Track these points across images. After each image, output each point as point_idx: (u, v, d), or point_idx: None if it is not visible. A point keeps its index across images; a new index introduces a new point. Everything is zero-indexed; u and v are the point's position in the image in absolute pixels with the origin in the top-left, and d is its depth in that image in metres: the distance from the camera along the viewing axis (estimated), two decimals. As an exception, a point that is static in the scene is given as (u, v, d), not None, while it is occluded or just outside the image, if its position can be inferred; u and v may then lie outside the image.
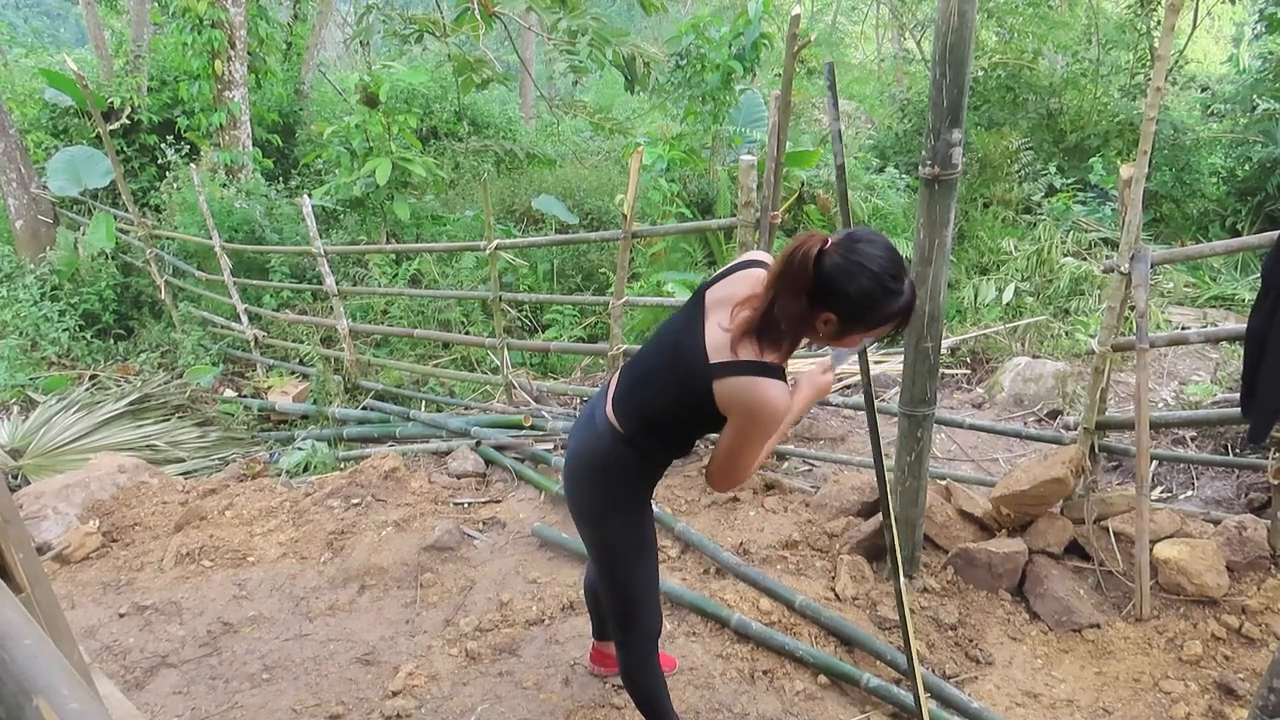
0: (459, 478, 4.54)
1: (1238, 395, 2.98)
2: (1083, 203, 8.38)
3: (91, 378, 7.13)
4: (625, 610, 2.20)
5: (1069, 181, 8.65)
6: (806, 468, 4.52)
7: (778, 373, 1.79)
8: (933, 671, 2.86)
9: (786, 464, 4.54)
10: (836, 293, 1.68)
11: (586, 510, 2.14)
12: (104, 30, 10.66)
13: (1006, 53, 9.50)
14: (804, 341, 1.84)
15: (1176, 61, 9.93)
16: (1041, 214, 8.16)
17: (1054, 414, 5.19)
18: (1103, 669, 2.95)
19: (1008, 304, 6.98)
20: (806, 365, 6.04)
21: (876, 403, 2.57)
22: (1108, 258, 6.61)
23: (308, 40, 11.72)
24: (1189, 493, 4.07)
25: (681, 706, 2.70)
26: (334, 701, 2.80)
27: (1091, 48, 9.90)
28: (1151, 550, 3.16)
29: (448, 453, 4.79)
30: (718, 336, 1.81)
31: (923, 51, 12.35)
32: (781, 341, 1.80)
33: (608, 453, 2.05)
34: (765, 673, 2.85)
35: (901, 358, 3.44)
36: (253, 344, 7.30)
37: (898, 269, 1.70)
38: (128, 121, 9.42)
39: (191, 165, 7.84)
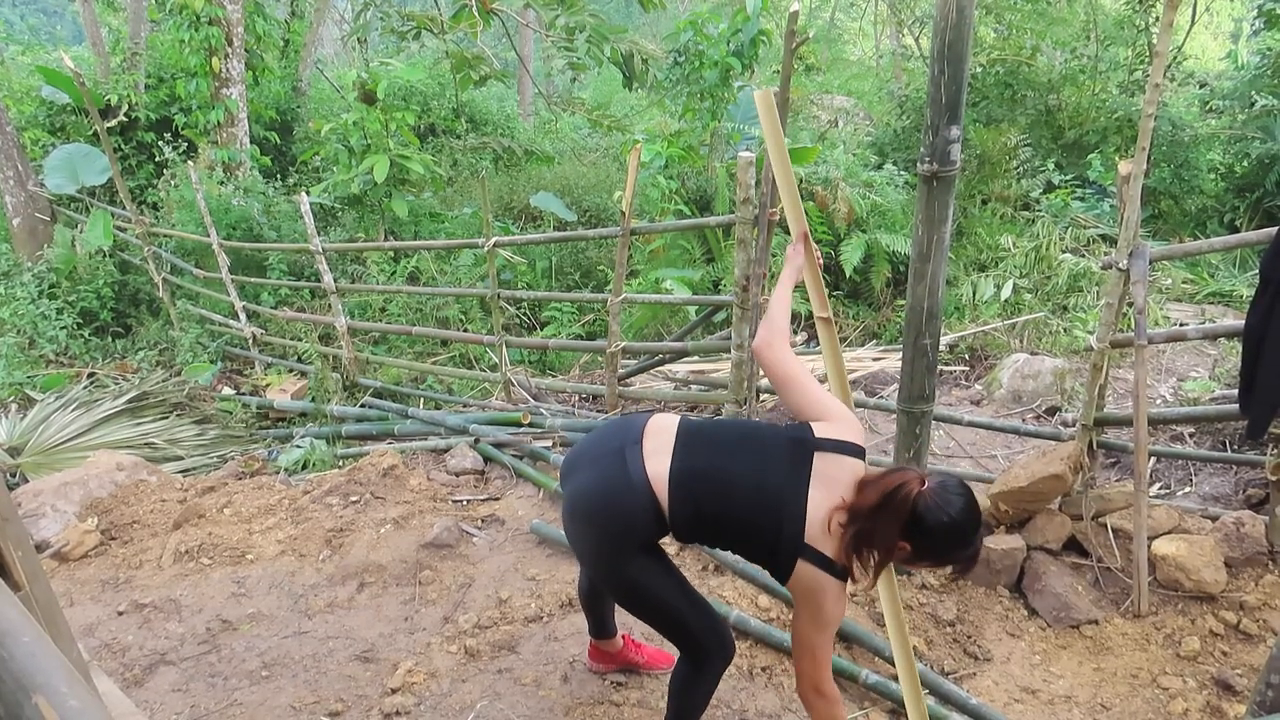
0: (457, 475, 4.53)
1: (1236, 391, 2.99)
2: (1081, 199, 8.38)
3: (89, 375, 7.13)
4: (682, 640, 2.18)
5: (1067, 178, 8.65)
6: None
7: (844, 577, 1.92)
8: (931, 668, 2.86)
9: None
10: (923, 531, 1.85)
11: (594, 553, 2.09)
12: (101, 27, 10.64)
13: (1005, 49, 9.49)
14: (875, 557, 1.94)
15: (1175, 58, 9.92)
16: (1040, 210, 8.16)
17: (1052, 410, 5.20)
18: (1101, 665, 2.96)
19: (1006, 300, 6.99)
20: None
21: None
22: (1106, 254, 6.61)
23: (305, 37, 11.70)
24: (1187, 489, 4.07)
25: (680, 703, 2.70)
26: (333, 699, 2.80)
27: (1090, 44, 9.90)
28: (1150, 546, 3.16)
29: (446, 450, 4.79)
30: (819, 516, 1.90)
31: (921, 48, 12.35)
32: (861, 554, 1.91)
33: (633, 512, 1.99)
34: (764, 669, 2.85)
35: (900, 354, 3.44)
36: (251, 341, 7.29)
37: (978, 524, 1.90)
38: (125, 119, 9.40)
39: (189, 163, 7.83)
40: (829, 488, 1.92)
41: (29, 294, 7.82)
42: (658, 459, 2.00)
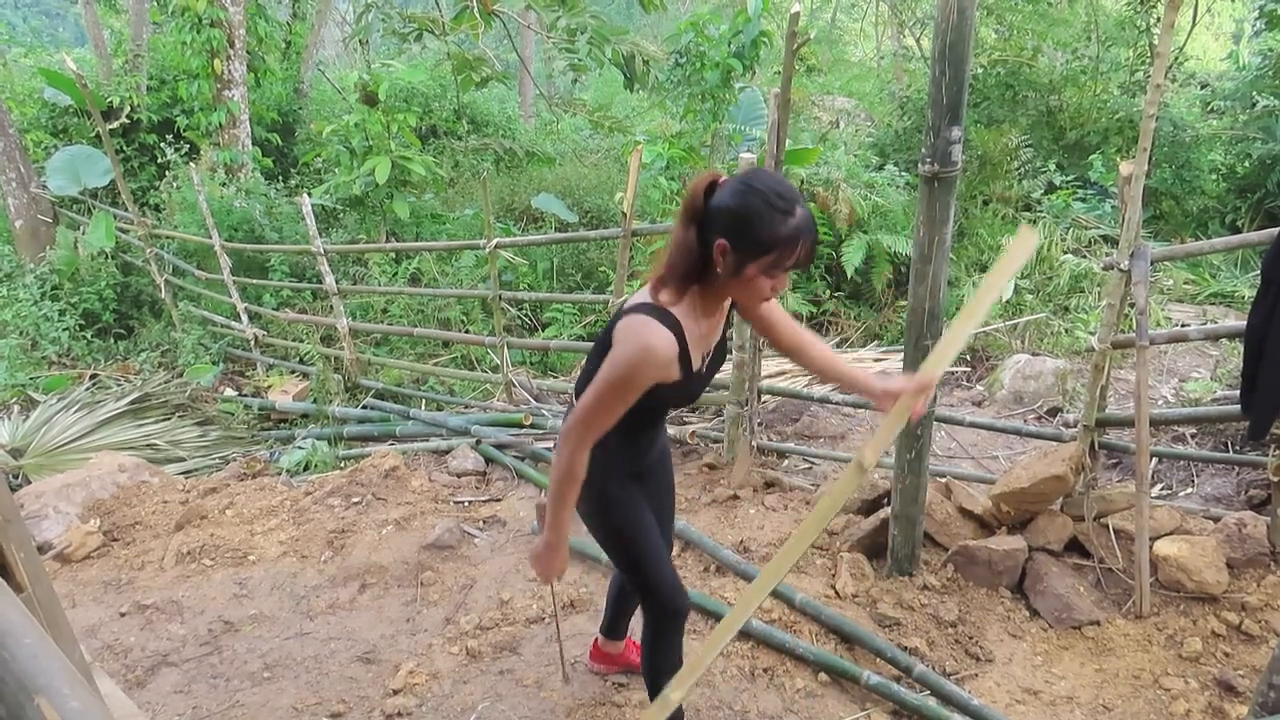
0: (459, 476, 4.54)
1: (1238, 392, 2.98)
2: (1082, 200, 8.37)
3: (92, 377, 7.13)
4: (636, 581, 2.24)
5: (1069, 179, 8.64)
6: (806, 465, 4.52)
7: (668, 319, 1.77)
8: (933, 669, 2.86)
9: (786, 462, 4.55)
10: (723, 212, 1.68)
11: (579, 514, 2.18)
12: (103, 29, 10.66)
13: (1006, 50, 9.49)
14: (717, 293, 1.81)
15: (1176, 58, 9.92)
16: (1041, 211, 8.16)
17: (1054, 411, 5.20)
18: (1103, 666, 2.95)
19: (1007, 301, 6.98)
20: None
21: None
22: (1107, 255, 6.60)
23: (307, 39, 11.71)
24: (1189, 490, 4.07)
25: (682, 704, 2.70)
26: (335, 700, 2.81)
27: (1091, 45, 9.89)
28: (1151, 547, 3.16)
29: (448, 451, 4.79)
30: (640, 293, 1.84)
31: (922, 49, 12.35)
32: (682, 281, 1.78)
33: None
34: (766, 670, 2.85)
35: (901, 356, 3.44)
36: (253, 343, 7.30)
37: (788, 191, 1.69)
38: (127, 121, 9.41)
39: (191, 164, 7.84)
40: None
41: (31, 296, 7.83)
42: None
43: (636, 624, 2.85)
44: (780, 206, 1.67)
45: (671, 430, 4.42)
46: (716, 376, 2.13)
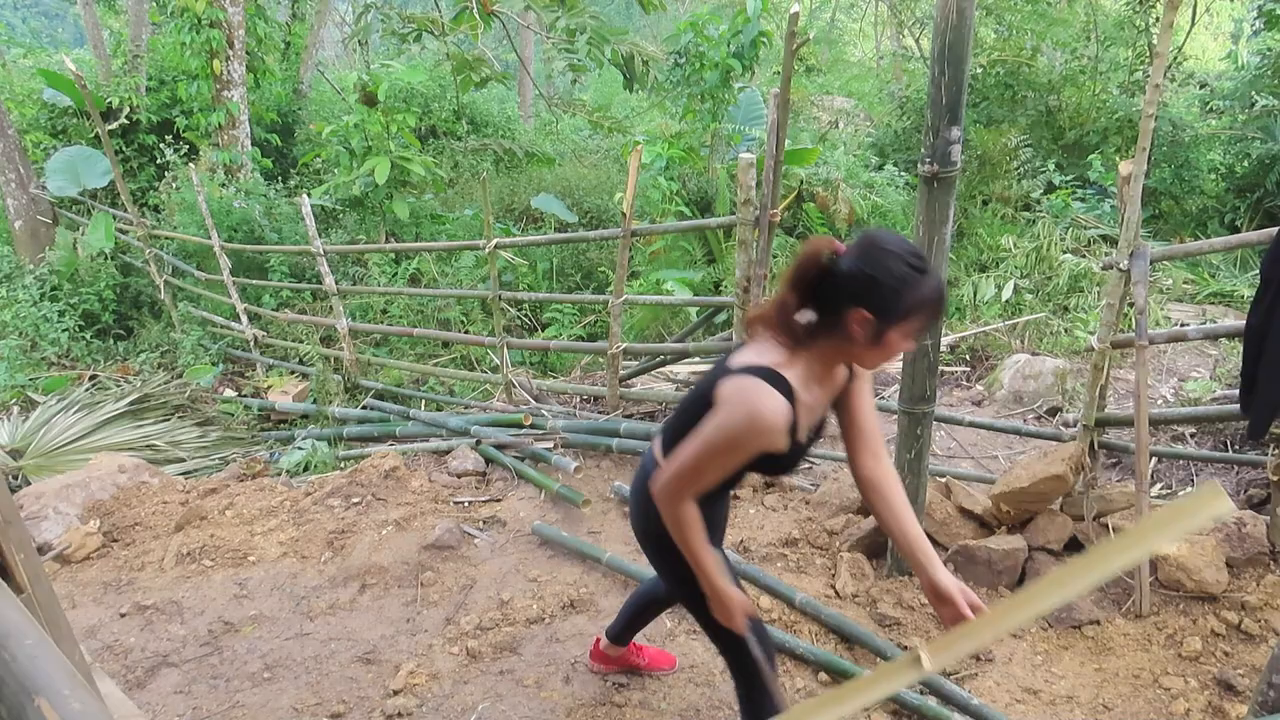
0: (459, 476, 4.54)
1: (1237, 392, 2.99)
2: (1082, 199, 8.37)
3: (91, 378, 7.13)
4: (726, 643, 2.12)
5: (1068, 178, 8.64)
6: (806, 465, 4.52)
7: (782, 385, 1.69)
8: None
9: (786, 462, 4.54)
10: (864, 282, 1.61)
11: (640, 532, 2.13)
12: (102, 30, 10.66)
13: (1005, 50, 9.49)
14: (838, 355, 1.74)
15: (1175, 58, 9.92)
16: (1040, 211, 8.16)
17: (1053, 411, 5.20)
18: (1103, 665, 2.95)
19: (1007, 301, 6.98)
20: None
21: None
22: (1107, 254, 6.61)
23: (306, 39, 11.71)
24: (1189, 489, 4.07)
25: (682, 704, 2.71)
26: (335, 700, 2.81)
27: (1090, 44, 9.90)
28: (1151, 547, 3.16)
29: (448, 452, 4.79)
30: (748, 349, 1.78)
31: (921, 49, 12.35)
32: (800, 346, 1.72)
33: (647, 479, 2.00)
34: (766, 670, 2.85)
35: (900, 355, 3.44)
36: (252, 343, 7.30)
37: (915, 247, 1.66)
38: (126, 121, 9.42)
39: (190, 165, 7.84)
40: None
41: (31, 296, 7.83)
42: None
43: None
44: (918, 266, 1.62)
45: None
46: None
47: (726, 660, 2.19)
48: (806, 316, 1.71)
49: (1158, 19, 8.76)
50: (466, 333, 6.93)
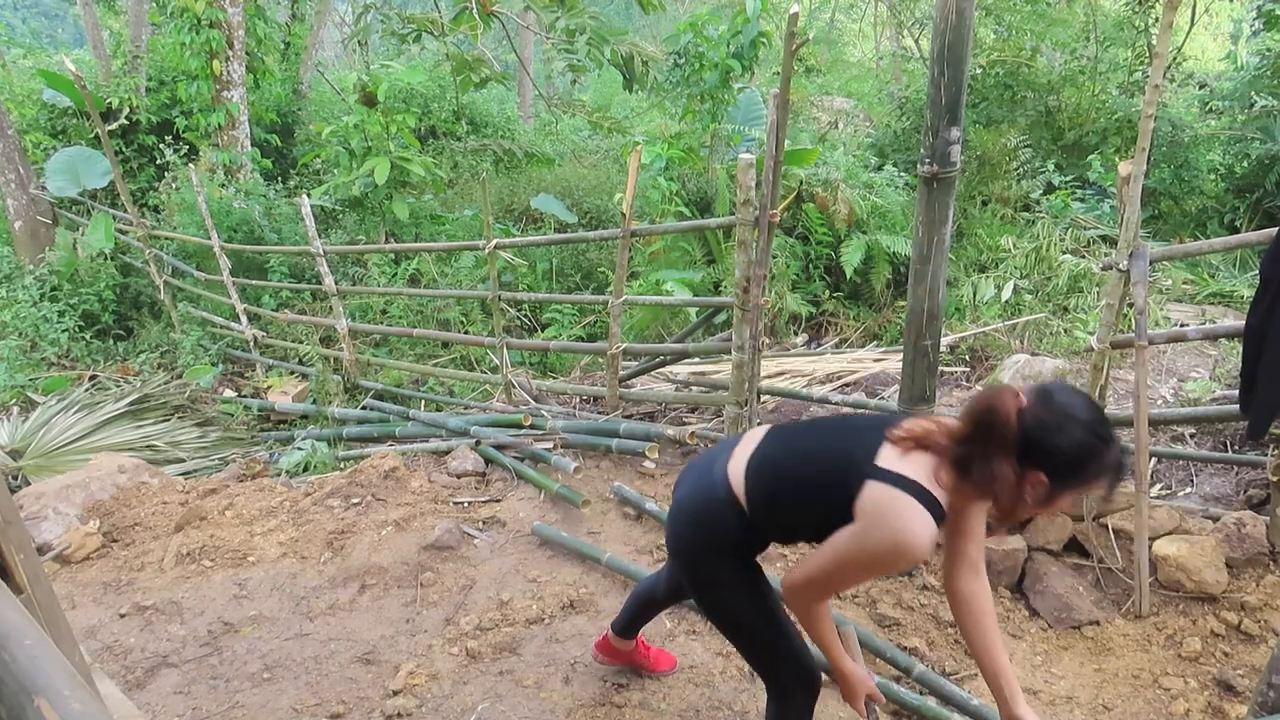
0: (459, 477, 4.54)
1: (1236, 392, 2.99)
2: (1081, 200, 8.37)
3: (91, 378, 7.13)
4: (767, 668, 2.11)
5: (1067, 179, 8.64)
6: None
7: (939, 512, 1.64)
8: (932, 669, 2.86)
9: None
10: (1047, 449, 1.57)
11: (681, 554, 2.05)
12: (102, 31, 10.66)
13: (1004, 50, 9.49)
14: (993, 498, 1.67)
15: (1174, 58, 9.93)
16: (1040, 211, 8.15)
17: (1053, 411, 5.19)
18: (1102, 666, 2.96)
19: (1007, 301, 6.98)
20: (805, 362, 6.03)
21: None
22: (1106, 255, 6.60)
23: (306, 40, 11.71)
24: (1188, 490, 4.07)
25: (682, 705, 2.71)
26: (335, 701, 2.81)
27: (1090, 45, 9.89)
28: (1151, 547, 3.16)
29: (447, 452, 4.79)
30: (894, 451, 1.70)
31: (921, 49, 12.35)
32: (974, 492, 1.67)
33: (711, 504, 1.95)
34: (765, 670, 2.85)
35: (901, 356, 3.44)
36: (252, 344, 7.30)
37: (1105, 418, 1.62)
38: (126, 122, 9.42)
39: (190, 165, 7.84)
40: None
41: (30, 297, 7.83)
42: (740, 456, 1.96)
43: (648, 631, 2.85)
44: (1105, 436, 1.59)
45: (670, 430, 4.42)
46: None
47: (770, 691, 2.16)
48: (975, 457, 1.64)
49: (1157, 19, 8.76)
50: (466, 333, 6.93)
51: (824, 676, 2.23)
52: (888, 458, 1.69)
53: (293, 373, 7.02)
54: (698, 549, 2.00)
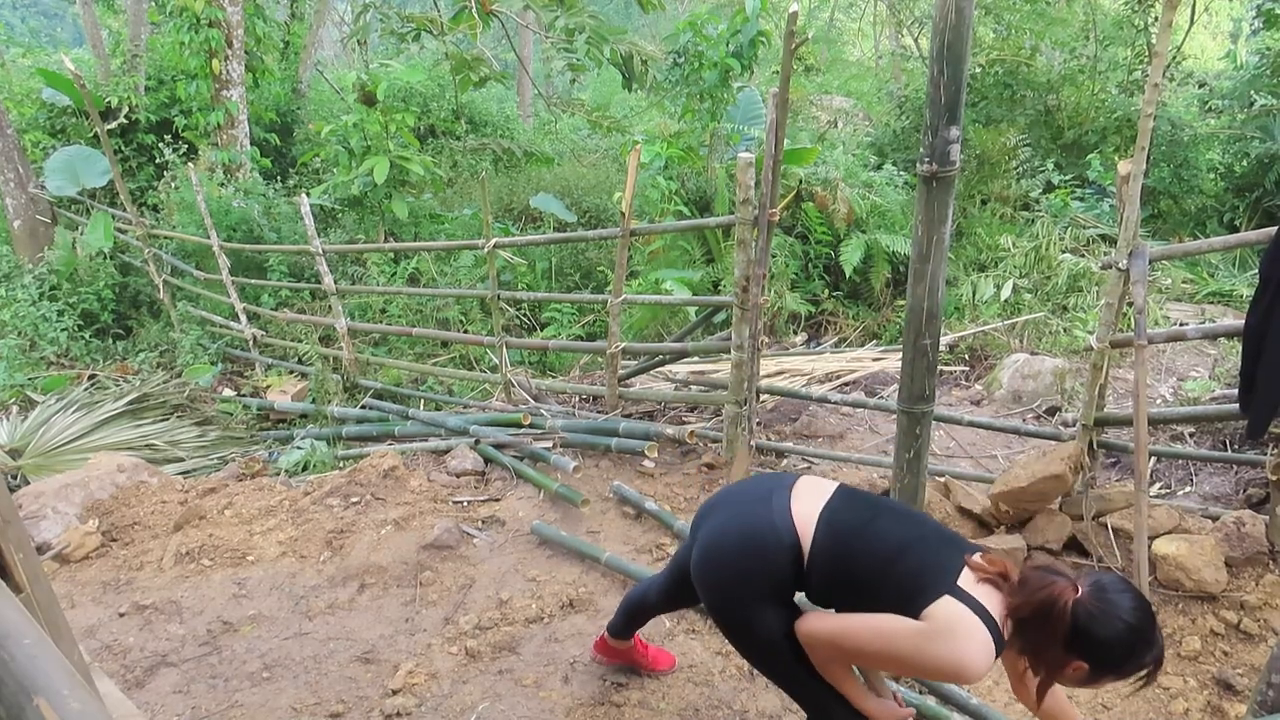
0: (458, 476, 4.54)
1: (1236, 391, 2.99)
2: (1081, 199, 8.37)
3: (90, 377, 7.13)
4: (814, 710, 2.06)
5: (1067, 178, 8.64)
6: (805, 465, 4.52)
7: (999, 641, 1.71)
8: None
9: (785, 461, 4.55)
10: (1093, 642, 1.67)
11: (722, 595, 2.00)
12: (101, 30, 10.65)
13: (1004, 49, 9.49)
14: (1043, 685, 1.78)
15: (1174, 57, 9.93)
16: (1039, 210, 8.16)
17: (1052, 410, 5.20)
18: (1101, 665, 2.96)
19: (1006, 301, 6.98)
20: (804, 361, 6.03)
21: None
22: (1106, 254, 6.61)
23: (305, 39, 11.71)
24: (1187, 489, 4.07)
25: (681, 704, 2.71)
26: (334, 700, 2.81)
27: (1089, 44, 9.89)
28: (1150, 546, 3.16)
29: (447, 451, 4.79)
30: (971, 580, 1.76)
31: (920, 48, 12.35)
32: (1028, 657, 1.75)
33: (770, 551, 1.91)
34: (765, 670, 2.85)
35: (900, 355, 3.44)
36: (251, 343, 7.30)
37: (1151, 619, 1.70)
38: (125, 121, 9.40)
39: (189, 164, 7.84)
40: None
41: (30, 296, 7.82)
42: (808, 503, 1.94)
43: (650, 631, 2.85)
44: (1150, 639, 1.69)
45: (670, 430, 4.42)
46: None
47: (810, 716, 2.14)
48: (1030, 632, 1.72)
49: (1156, 18, 8.76)
50: (465, 332, 6.93)
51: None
52: (967, 581, 1.76)
53: (292, 372, 7.02)
54: (741, 582, 1.95)
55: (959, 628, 1.69)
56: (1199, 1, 10.48)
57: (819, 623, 1.86)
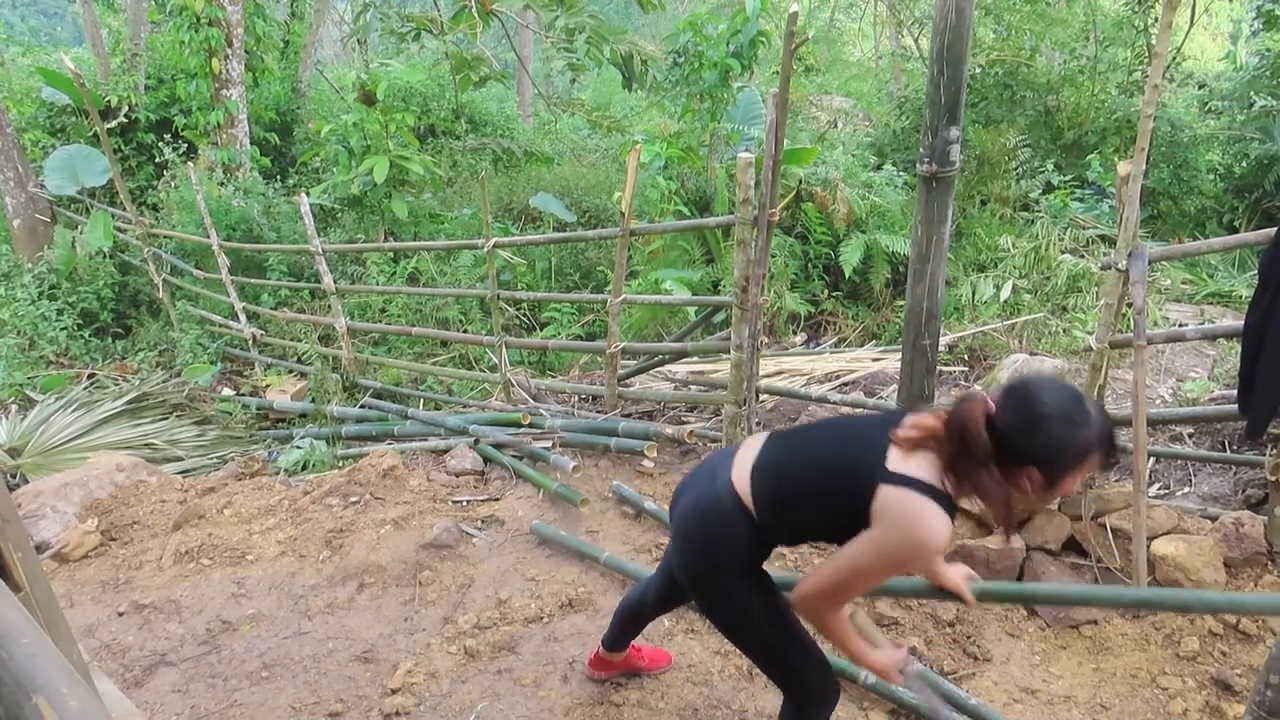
0: (457, 475, 4.54)
1: (1235, 392, 2.99)
2: (1080, 200, 8.37)
3: (89, 376, 7.13)
4: (784, 678, 2.08)
5: (1067, 179, 8.64)
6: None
7: (951, 507, 1.68)
8: (931, 668, 2.86)
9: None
10: (1024, 448, 1.62)
11: (690, 568, 2.04)
12: (101, 29, 10.65)
13: (1004, 50, 9.49)
14: (1003, 512, 1.72)
15: (1174, 58, 9.93)
16: (1039, 211, 8.16)
17: (1052, 411, 5.19)
18: (1100, 665, 2.96)
19: (1005, 301, 6.98)
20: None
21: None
22: (1105, 255, 6.60)
23: (305, 38, 11.70)
24: (1186, 489, 4.07)
25: (680, 704, 2.71)
26: (333, 699, 2.80)
27: (1089, 45, 9.90)
28: (1149, 546, 3.17)
29: (446, 451, 4.79)
30: (901, 451, 1.73)
31: (920, 49, 12.34)
32: (971, 490, 1.69)
33: (719, 514, 1.95)
34: (764, 669, 2.85)
35: (899, 355, 3.45)
36: (251, 342, 7.29)
37: (1075, 401, 1.63)
38: (125, 120, 9.40)
39: (189, 164, 7.84)
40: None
41: (29, 295, 7.82)
42: (743, 463, 1.97)
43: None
44: (1080, 419, 1.61)
45: (669, 429, 4.42)
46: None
47: (788, 698, 2.14)
48: (961, 468, 1.68)
49: (1156, 19, 8.76)
50: (465, 332, 6.93)
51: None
52: (895, 460, 1.71)
53: (291, 371, 7.02)
54: (709, 560, 1.99)
55: (900, 515, 1.66)
56: (1199, 2, 10.48)
57: (801, 588, 1.86)
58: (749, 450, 2.00)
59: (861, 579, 1.75)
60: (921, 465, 1.70)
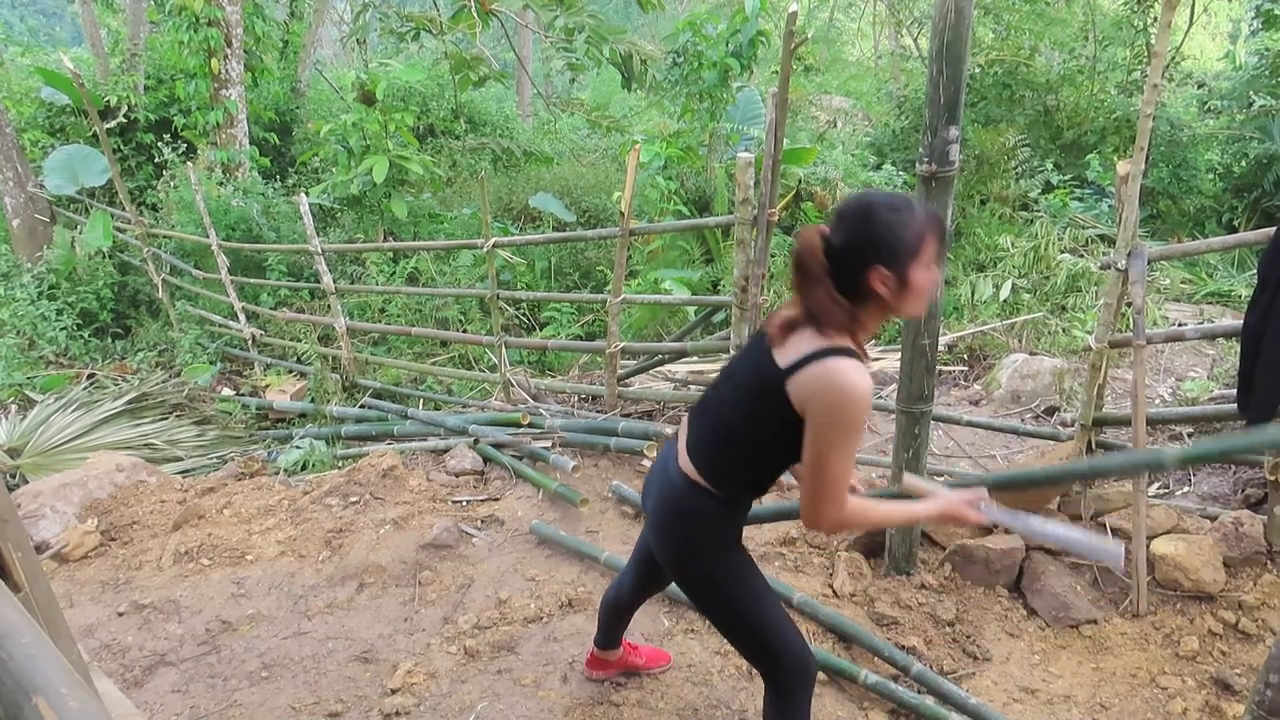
0: (457, 475, 4.53)
1: (1234, 391, 2.99)
2: (1080, 199, 8.38)
3: (89, 376, 7.13)
4: (762, 654, 2.11)
5: (1066, 178, 8.65)
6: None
7: (844, 350, 1.72)
8: (930, 667, 2.86)
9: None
10: (862, 245, 1.68)
11: (674, 563, 2.07)
12: (100, 29, 10.65)
13: (1003, 49, 9.50)
14: (880, 315, 1.79)
15: (1173, 58, 9.94)
16: (1039, 211, 8.17)
17: (1051, 410, 5.20)
18: (1100, 665, 2.96)
19: (1005, 301, 6.99)
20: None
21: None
22: (1105, 254, 6.61)
23: (304, 38, 11.70)
24: (1186, 489, 4.07)
25: (680, 703, 2.71)
26: (333, 699, 2.80)
27: (1088, 44, 9.91)
28: (1148, 546, 3.17)
29: (446, 451, 4.79)
30: (781, 347, 1.78)
31: (920, 48, 12.35)
32: (847, 323, 1.75)
33: (683, 503, 1.99)
34: (763, 669, 2.85)
35: (899, 354, 3.45)
36: (250, 342, 7.29)
37: (896, 195, 1.74)
38: (124, 120, 9.40)
39: (188, 164, 7.83)
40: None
41: (29, 295, 7.82)
42: (682, 448, 2.04)
43: (631, 625, 2.85)
44: (901, 205, 1.70)
45: (669, 429, 4.42)
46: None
47: (764, 678, 2.17)
48: (822, 303, 1.74)
49: (1156, 19, 8.76)
50: (464, 332, 6.93)
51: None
52: (781, 355, 1.77)
53: (291, 371, 7.02)
54: (688, 548, 2.03)
55: (815, 392, 1.71)
56: (1198, 2, 10.48)
57: (804, 514, 1.88)
58: (682, 435, 2.07)
59: (835, 465, 1.76)
60: (801, 344, 1.75)
